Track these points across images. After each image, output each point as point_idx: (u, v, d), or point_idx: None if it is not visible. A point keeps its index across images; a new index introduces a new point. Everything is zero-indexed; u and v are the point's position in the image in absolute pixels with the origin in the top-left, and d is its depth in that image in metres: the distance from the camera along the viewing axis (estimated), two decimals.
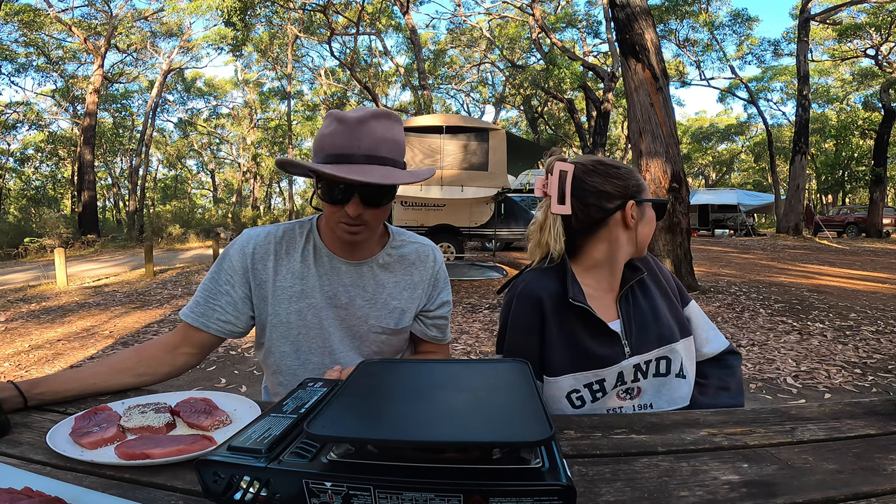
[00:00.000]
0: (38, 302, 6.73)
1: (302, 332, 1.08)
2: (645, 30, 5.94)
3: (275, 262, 1.07)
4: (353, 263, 1.09)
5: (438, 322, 1.19)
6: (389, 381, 0.74)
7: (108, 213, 31.65)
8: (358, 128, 0.95)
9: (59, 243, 13.08)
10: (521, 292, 1.05)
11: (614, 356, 1.01)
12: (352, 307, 1.08)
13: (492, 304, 5.91)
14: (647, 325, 1.04)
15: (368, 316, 1.09)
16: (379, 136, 0.96)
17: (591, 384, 1.01)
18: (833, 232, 19.75)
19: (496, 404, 0.64)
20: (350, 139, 0.95)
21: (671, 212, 5.80)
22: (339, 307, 1.08)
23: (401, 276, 1.12)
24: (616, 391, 1.01)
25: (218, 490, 0.56)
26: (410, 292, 1.12)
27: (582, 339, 1.01)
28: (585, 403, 1.00)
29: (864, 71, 23.47)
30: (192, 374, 3.75)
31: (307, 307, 1.07)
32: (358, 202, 0.96)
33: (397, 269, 1.12)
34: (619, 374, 1.01)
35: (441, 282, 1.17)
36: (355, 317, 1.09)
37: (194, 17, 21.13)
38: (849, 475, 0.64)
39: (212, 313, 1.05)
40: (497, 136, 7.47)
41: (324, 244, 1.09)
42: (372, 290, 1.10)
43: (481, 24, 23.48)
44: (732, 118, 36.53)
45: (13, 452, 0.69)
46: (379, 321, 1.10)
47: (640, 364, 1.02)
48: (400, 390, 0.71)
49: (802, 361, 3.73)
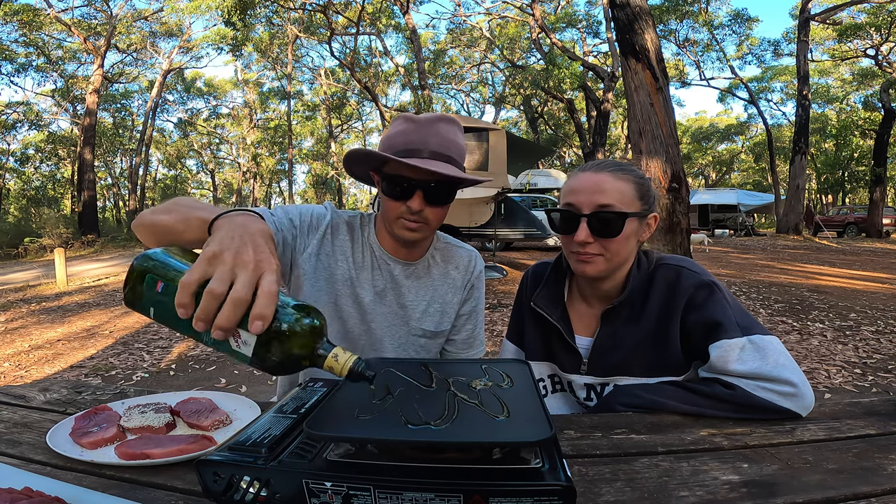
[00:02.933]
0: (38, 302, 6.73)
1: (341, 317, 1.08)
2: (645, 30, 5.94)
3: (346, 241, 1.09)
4: (401, 263, 1.11)
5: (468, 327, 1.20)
6: (390, 380, 0.74)
7: (108, 213, 31.62)
8: (428, 127, 0.99)
9: (59, 243, 13.08)
10: (526, 271, 1.17)
11: (570, 366, 1.02)
12: (394, 306, 1.11)
13: (492, 304, 5.91)
14: (608, 352, 0.98)
15: (409, 317, 1.11)
16: (447, 136, 1.00)
17: (553, 376, 1.06)
18: (833, 232, 19.74)
19: (496, 404, 0.64)
20: (420, 136, 0.98)
21: (671, 212, 5.79)
22: (384, 304, 1.10)
23: (443, 279, 1.15)
24: (576, 399, 1.03)
25: (218, 490, 0.56)
26: (451, 296, 1.15)
27: (550, 334, 1.05)
28: (548, 393, 1.07)
29: (864, 71, 23.46)
30: (192, 374, 3.75)
31: (350, 297, 1.08)
32: (421, 198, 0.98)
33: (441, 272, 1.15)
34: (570, 384, 1.03)
35: (477, 288, 1.20)
36: (397, 316, 1.11)
37: (194, 17, 21.16)
38: (849, 475, 0.64)
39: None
40: (497, 136, 7.47)
41: (378, 242, 1.11)
42: (415, 291, 1.12)
43: (481, 24, 23.49)
44: (732, 118, 36.53)
45: (13, 452, 0.69)
46: (420, 323, 1.12)
47: (594, 385, 1.00)
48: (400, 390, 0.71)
49: (802, 361, 3.73)
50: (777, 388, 0.82)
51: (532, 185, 13.80)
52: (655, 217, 0.99)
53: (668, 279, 0.96)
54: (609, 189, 0.93)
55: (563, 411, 1.05)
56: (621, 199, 0.93)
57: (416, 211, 0.99)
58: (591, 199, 0.93)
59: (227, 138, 34.54)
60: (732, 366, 0.85)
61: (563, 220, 0.96)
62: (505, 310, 5.63)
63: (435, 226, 1.05)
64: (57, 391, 0.97)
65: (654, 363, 0.94)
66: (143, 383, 3.57)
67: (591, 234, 0.93)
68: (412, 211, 0.99)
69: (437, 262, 1.16)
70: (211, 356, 4.14)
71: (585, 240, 0.93)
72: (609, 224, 0.92)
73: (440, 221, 1.05)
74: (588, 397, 1.00)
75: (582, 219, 0.93)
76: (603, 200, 0.93)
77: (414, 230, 1.02)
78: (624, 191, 0.94)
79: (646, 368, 0.95)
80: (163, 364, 4.00)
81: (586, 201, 0.94)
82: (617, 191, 0.94)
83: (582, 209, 0.94)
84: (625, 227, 0.93)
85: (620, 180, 0.95)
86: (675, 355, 0.93)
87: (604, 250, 0.94)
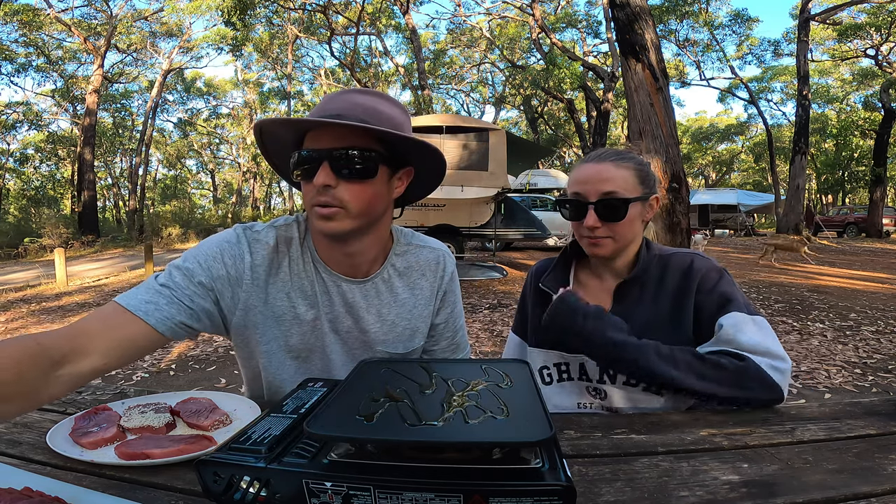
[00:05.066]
0: (38, 302, 6.73)
1: (292, 352, 0.94)
2: (645, 30, 5.94)
3: (266, 273, 0.90)
4: (353, 282, 0.94)
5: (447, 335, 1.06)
6: (389, 380, 0.74)
7: (108, 213, 31.62)
8: (337, 96, 0.87)
9: (58, 243, 13.07)
10: (531, 267, 1.21)
11: None
12: (354, 331, 0.96)
13: (492, 304, 5.91)
14: None
15: (374, 342, 0.96)
16: (355, 101, 0.84)
17: (559, 364, 1.08)
18: (833, 232, 19.73)
19: (496, 404, 0.64)
20: (324, 104, 0.86)
21: (671, 212, 5.79)
22: (340, 332, 0.95)
23: (409, 292, 0.99)
24: (584, 385, 1.06)
25: (218, 490, 0.56)
26: (421, 310, 1.00)
27: None
28: (553, 382, 1.08)
29: (864, 71, 23.46)
30: (193, 374, 3.75)
31: (296, 333, 0.93)
32: (328, 169, 0.80)
33: (405, 284, 0.99)
34: (582, 367, 1.05)
35: (451, 294, 1.05)
36: (359, 342, 0.96)
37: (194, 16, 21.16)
38: (849, 475, 0.64)
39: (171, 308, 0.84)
40: (497, 136, 7.47)
41: (320, 259, 0.93)
42: (376, 311, 0.96)
43: (481, 24, 23.48)
44: (732, 118, 36.51)
45: (13, 452, 0.69)
46: (386, 347, 0.97)
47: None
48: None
49: (802, 361, 3.73)
50: (775, 363, 0.89)
51: (532, 185, 13.79)
52: (657, 198, 1.07)
53: (682, 265, 1.04)
54: (612, 177, 1.01)
55: (566, 402, 1.06)
56: (624, 186, 1.01)
57: (325, 187, 0.80)
58: (597, 188, 1.01)
59: (227, 138, 34.55)
60: (742, 337, 0.91)
61: (573, 208, 1.04)
62: (505, 310, 5.63)
63: (356, 211, 0.83)
64: None
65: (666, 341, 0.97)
66: (143, 383, 3.57)
67: (599, 219, 1.01)
68: (320, 191, 0.81)
69: (399, 273, 0.98)
70: (211, 356, 4.14)
71: (594, 225, 1.01)
72: (614, 209, 1.00)
73: (364, 204, 0.84)
74: (601, 379, 1.02)
75: (589, 206, 1.01)
76: (607, 188, 1.01)
77: (328, 217, 0.82)
78: (626, 178, 1.02)
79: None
80: (163, 364, 4.00)
81: (592, 190, 1.02)
82: (619, 178, 1.01)
83: (588, 197, 1.02)
84: (629, 211, 1.01)
85: (622, 168, 1.03)
86: (686, 335, 0.99)
87: (612, 233, 1.02)
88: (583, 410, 1.05)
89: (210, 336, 4.69)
